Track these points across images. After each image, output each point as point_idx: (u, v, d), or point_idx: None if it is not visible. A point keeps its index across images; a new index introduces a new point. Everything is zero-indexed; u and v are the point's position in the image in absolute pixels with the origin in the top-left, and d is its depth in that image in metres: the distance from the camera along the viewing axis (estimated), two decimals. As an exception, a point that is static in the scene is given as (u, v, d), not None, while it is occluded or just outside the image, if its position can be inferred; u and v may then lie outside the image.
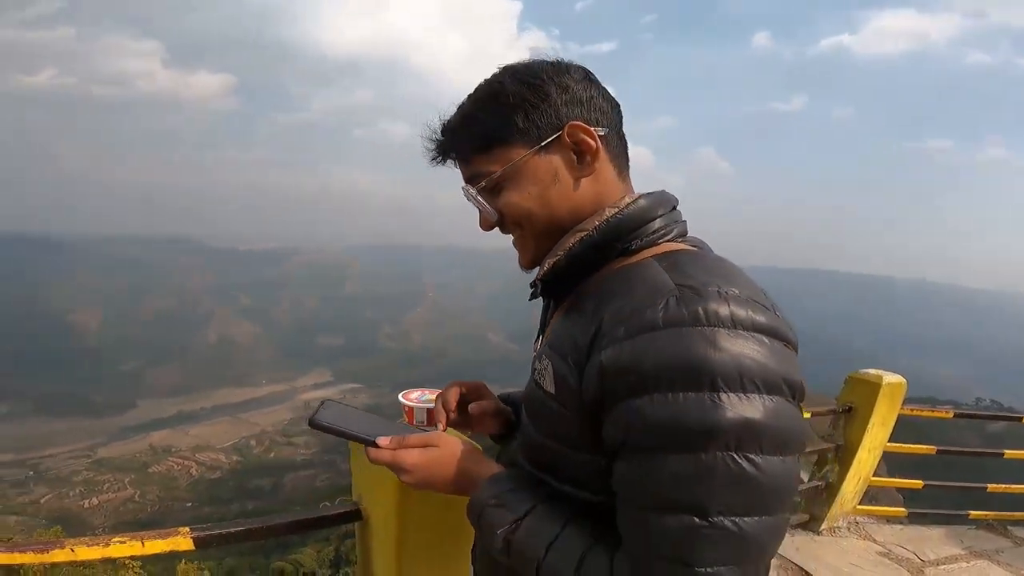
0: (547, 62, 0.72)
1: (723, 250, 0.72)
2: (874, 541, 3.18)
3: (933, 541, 3.24)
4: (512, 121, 0.70)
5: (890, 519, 3.50)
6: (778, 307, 0.63)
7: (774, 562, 2.70)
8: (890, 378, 3.01)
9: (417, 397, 0.94)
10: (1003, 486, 3.60)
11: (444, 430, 0.86)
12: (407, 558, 1.28)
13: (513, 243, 0.79)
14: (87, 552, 1.07)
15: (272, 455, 68.03)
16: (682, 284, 0.61)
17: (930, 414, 3.62)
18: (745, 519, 0.57)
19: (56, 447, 73.11)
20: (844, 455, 3.11)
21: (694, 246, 0.72)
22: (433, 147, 0.77)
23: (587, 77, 0.73)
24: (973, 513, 3.47)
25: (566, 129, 0.69)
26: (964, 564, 3.03)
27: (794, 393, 0.60)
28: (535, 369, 0.74)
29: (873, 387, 2.99)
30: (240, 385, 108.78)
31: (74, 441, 76.07)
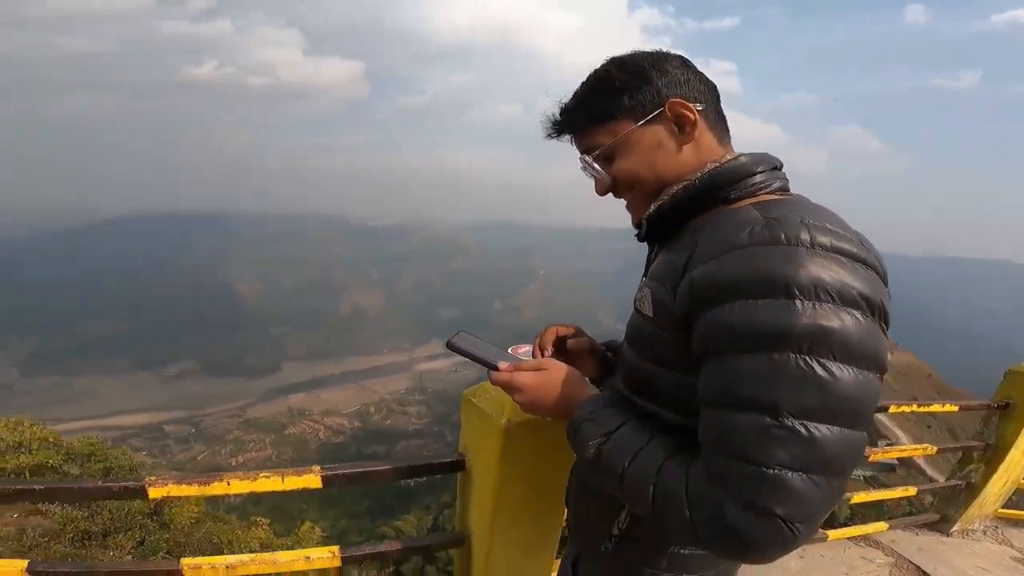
0: (647, 52, 0.84)
1: (871, 237, 0.71)
2: (1011, 546, 2.93)
3: (1078, 550, 2.96)
4: (620, 101, 0.82)
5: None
6: (868, 242, 0.68)
7: (887, 560, 2.53)
8: (1061, 373, 2.70)
9: (525, 351, 1.05)
10: None
11: None
12: (502, 509, 1.36)
13: (626, 206, 0.90)
14: (239, 485, 1.27)
15: (388, 422, 73.22)
16: (769, 216, 0.68)
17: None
18: (817, 425, 0.59)
19: (215, 406, 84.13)
20: (994, 455, 2.83)
21: (797, 199, 0.77)
22: (550, 125, 0.90)
23: (684, 63, 0.84)
24: None
25: (667, 105, 0.80)
26: (1112, 574, 2.74)
27: (873, 310, 0.63)
28: (636, 299, 0.84)
29: (1037, 382, 2.71)
30: (365, 353, 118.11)
31: (230, 401, 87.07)
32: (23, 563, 1.31)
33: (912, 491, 3.05)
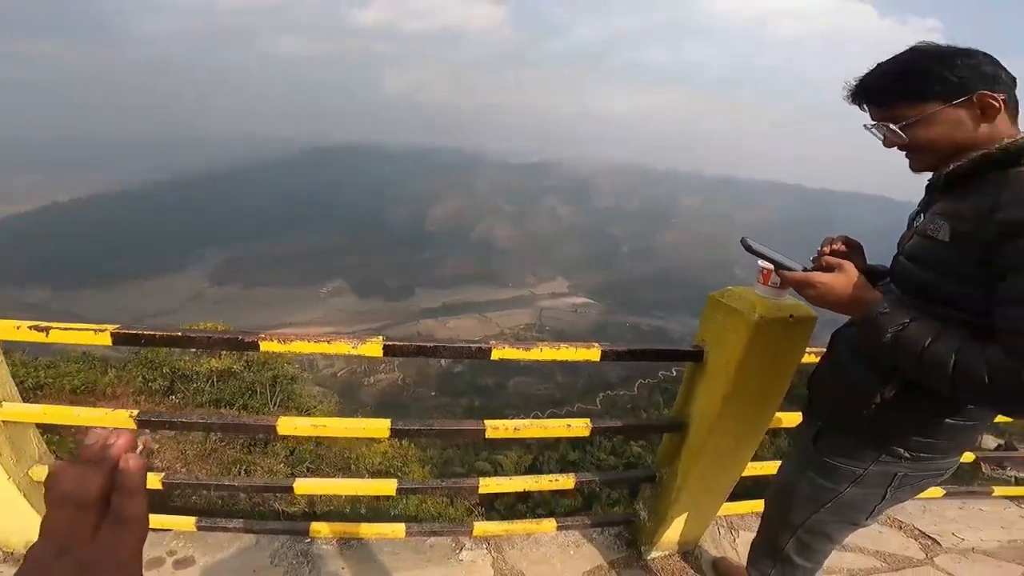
0: (961, 49, 1.04)
1: None
2: None
3: None
4: (931, 87, 1.04)
5: None
6: None
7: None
8: None
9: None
10: None
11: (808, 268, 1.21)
12: (730, 399, 1.60)
13: (907, 155, 1.13)
14: (307, 346, 1.57)
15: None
16: None
17: None
18: None
19: (358, 324, 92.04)
20: None
21: None
22: (853, 95, 1.13)
23: (992, 60, 1.04)
24: None
25: (977, 95, 1.02)
26: None
27: None
28: (928, 228, 1.10)
29: None
30: (490, 285, 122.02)
31: (370, 320, 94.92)
32: (134, 411, 1.66)
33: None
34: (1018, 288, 0.93)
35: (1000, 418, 2.76)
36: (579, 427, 1.87)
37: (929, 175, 1.17)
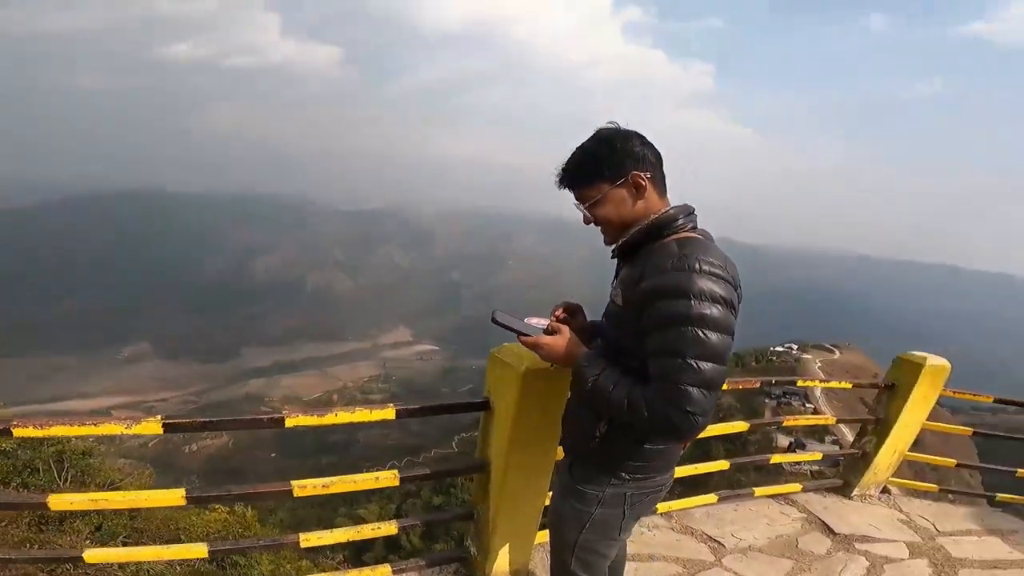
0: (620, 132, 1.32)
1: (837, 238, 0.54)
2: (899, 510, 3.40)
3: (955, 516, 3.44)
4: (601, 170, 1.31)
5: (920, 493, 3.75)
6: (730, 265, 1.26)
7: (800, 515, 3.17)
8: (934, 361, 3.13)
9: (538, 322, 1.48)
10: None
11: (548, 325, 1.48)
12: (516, 439, 1.88)
13: (601, 230, 1.40)
14: (87, 430, 1.60)
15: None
16: (681, 252, 1.23)
17: (971, 398, 3.69)
18: (703, 363, 1.17)
19: (169, 391, 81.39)
20: (883, 428, 3.30)
21: (700, 234, 1.33)
22: (557, 180, 1.38)
23: (643, 141, 1.32)
24: (1000, 496, 3.76)
25: (630, 176, 1.29)
26: (975, 538, 3.21)
27: (728, 305, 1.21)
28: (612, 294, 1.40)
29: (916, 368, 3.12)
30: (329, 339, 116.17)
31: (186, 386, 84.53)
32: None
33: (819, 455, 4.89)
34: (655, 345, 1.22)
35: (788, 421, 3.79)
36: (387, 478, 2.04)
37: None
